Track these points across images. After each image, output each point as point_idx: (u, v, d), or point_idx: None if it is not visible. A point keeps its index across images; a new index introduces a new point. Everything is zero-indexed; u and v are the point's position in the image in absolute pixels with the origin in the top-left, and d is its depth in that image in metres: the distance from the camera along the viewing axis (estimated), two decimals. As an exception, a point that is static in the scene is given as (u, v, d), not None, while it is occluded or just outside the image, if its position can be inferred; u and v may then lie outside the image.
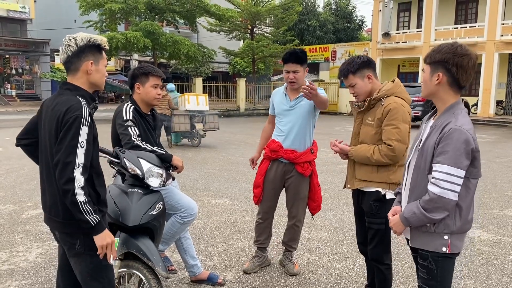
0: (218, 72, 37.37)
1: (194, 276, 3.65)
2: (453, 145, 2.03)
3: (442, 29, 24.26)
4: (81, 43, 2.16)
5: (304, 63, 3.62)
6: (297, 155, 3.67)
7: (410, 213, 2.15)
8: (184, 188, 7.11)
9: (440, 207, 2.06)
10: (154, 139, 3.31)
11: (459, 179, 2.04)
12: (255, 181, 3.87)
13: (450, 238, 2.13)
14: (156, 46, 21.48)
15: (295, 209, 3.82)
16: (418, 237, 2.22)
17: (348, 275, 3.91)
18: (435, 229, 2.13)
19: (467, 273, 3.98)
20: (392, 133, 2.81)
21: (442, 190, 2.03)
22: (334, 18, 34.98)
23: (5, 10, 30.80)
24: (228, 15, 22.99)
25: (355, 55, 3.08)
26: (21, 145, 2.40)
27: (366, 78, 2.95)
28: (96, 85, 2.27)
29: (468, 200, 2.13)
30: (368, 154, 2.89)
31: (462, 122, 2.07)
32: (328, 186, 7.35)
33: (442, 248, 2.14)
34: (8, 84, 31.72)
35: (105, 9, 20.67)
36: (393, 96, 2.89)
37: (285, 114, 3.71)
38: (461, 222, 2.12)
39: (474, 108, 23.41)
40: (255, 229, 3.98)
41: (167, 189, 3.30)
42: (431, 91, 2.20)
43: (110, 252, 2.16)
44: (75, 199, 2.02)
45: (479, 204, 6.33)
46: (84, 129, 2.07)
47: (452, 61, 2.10)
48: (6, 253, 4.31)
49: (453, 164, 2.02)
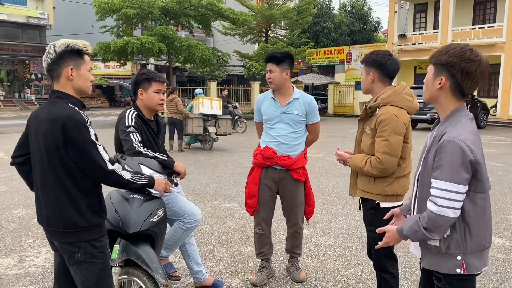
0: (233, 76, 37.45)
1: (198, 282, 3.62)
2: (447, 158, 1.86)
3: (460, 30, 23.89)
4: (59, 50, 2.14)
5: (281, 64, 3.56)
6: (292, 161, 3.59)
7: (411, 231, 2.00)
8: (194, 192, 7.12)
9: (439, 226, 1.91)
10: (158, 145, 3.30)
11: (458, 195, 1.87)
12: (248, 191, 3.72)
13: (464, 258, 1.96)
14: (171, 50, 21.65)
15: (294, 216, 3.75)
16: (430, 259, 2.06)
17: (355, 283, 3.83)
18: (446, 249, 1.97)
19: (479, 281, 3.86)
20: (381, 145, 2.74)
21: (439, 208, 1.89)
22: (350, 20, 34.75)
23: (25, 16, 31.51)
24: (242, 19, 23.04)
25: (382, 50, 2.99)
26: (16, 164, 2.36)
27: (369, 75, 2.88)
28: (81, 91, 2.24)
29: (476, 216, 1.95)
30: (360, 165, 2.85)
31: (458, 132, 1.89)
32: (340, 191, 7.26)
33: (456, 269, 1.97)
34: (28, 89, 32.39)
35: (120, 15, 20.94)
36: (389, 105, 2.78)
37: (277, 120, 3.62)
38: (472, 241, 1.95)
39: (493, 110, 22.93)
40: (256, 241, 3.84)
41: (170, 195, 3.28)
42: (432, 95, 2.03)
43: (169, 188, 2.71)
44: (125, 180, 2.27)
45: (494, 209, 6.17)
46: (92, 131, 2.14)
47: (458, 66, 1.91)
48: (16, 257, 4.36)
49: (449, 179, 1.86)
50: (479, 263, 1.99)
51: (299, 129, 3.64)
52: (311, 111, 3.64)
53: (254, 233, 3.86)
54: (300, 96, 3.64)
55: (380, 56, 2.84)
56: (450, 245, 1.96)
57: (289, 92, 3.65)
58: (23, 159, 2.31)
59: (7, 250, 4.56)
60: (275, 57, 3.59)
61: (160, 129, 3.40)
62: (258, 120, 3.84)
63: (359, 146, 3.04)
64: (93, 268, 2.18)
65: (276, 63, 3.56)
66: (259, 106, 3.75)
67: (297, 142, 3.63)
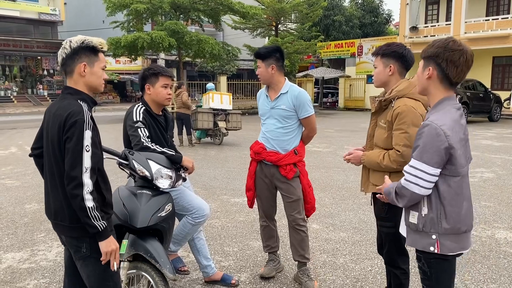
0: (243, 70, 37.37)
1: (207, 276, 3.64)
2: (422, 140, 2.03)
3: (473, 22, 23.52)
4: (74, 45, 2.16)
5: (266, 59, 3.50)
6: (280, 157, 3.50)
7: (387, 192, 2.25)
8: (204, 187, 7.14)
9: (404, 196, 2.12)
10: (166, 140, 3.30)
11: (426, 175, 2.03)
12: (246, 184, 3.78)
13: (439, 237, 2.10)
14: (181, 45, 21.63)
15: (289, 212, 3.61)
16: (409, 236, 2.23)
17: (365, 277, 3.81)
18: (423, 227, 2.13)
19: (490, 276, 3.82)
20: (401, 138, 2.69)
21: (405, 182, 2.10)
22: (360, 12, 34.40)
23: (37, 13, 31.75)
24: (252, 13, 22.91)
25: (398, 43, 2.94)
26: (34, 156, 2.39)
27: (388, 67, 2.82)
28: (92, 88, 2.25)
29: (450, 197, 2.08)
30: (378, 160, 2.80)
31: (436, 118, 2.04)
32: (351, 185, 7.22)
33: (430, 247, 2.12)
34: (40, 85, 32.71)
35: (130, 10, 20.95)
36: (405, 97, 2.75)
37: (267, 115, 3.60)
38: (447, 222, 2.08)
39: (507, 103, 22.61)
40: (261, 234, 3.85)
41: (178, 190, 3.30)
42: (423, 86, 2.19)
43: (113, 259, 2.16)
44: (84, 205, 2.03)
45: (507, 203, 6.09)
46: (88, 133, 2.08)
47: (442, 55, 2.08)
48: (28, 251, 4.42)
49: (419, 158, 2.04)
50: (454, 246, 2.11)
51: (288, 124, 3.53)
52: (300, 105, 3.50)
53: (260, 226, 3.88)
54: (289, 90, 3.53)
55: (401, 48, 2.81)
56: (426, 224, 2.12)
57: (279, 86, 3.57)
58: (39, 151, 2.33)
59: (20, 244, 4.62)
60: (259, 53, 3.55)
61: (168, 124, 3.39)
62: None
63: (371, 140, 2.99)
64: (99, 263, 2.18)
65: (261, 58, 3.52)
66: (258, 101, 3.80)
67: (286, 137, 3.53)
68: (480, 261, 4.13)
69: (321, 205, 6.06)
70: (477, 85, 18.99)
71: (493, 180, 7.61)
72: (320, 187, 7.08)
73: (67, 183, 2.04)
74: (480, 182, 7.36)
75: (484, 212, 5.69)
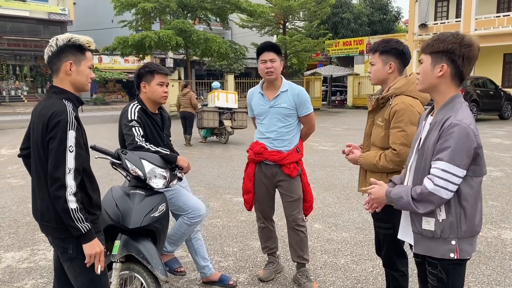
0: (251, 69, 37.26)
1: (205, 277, 3.59)
2: (452, 141, 1.89)
3: (483, 18, 23.17)
4: (61, 43, 2.12)
5: (280, 54, 3.44)
6: (283, 156, 3.43)
7: (397, 196, 2.05)
8: (207, 186, 7.10)
9: (429, 202, 1.95)
10: (162, 139, 3.26)
11: (455, 178, 1.90)
12: (244, 187, 3.65)
13: (458, 243, 1.98)
14: (188, 44, 21.65)
15: (290, 211, 3.55)
16: (423, 243, 2.07)
17: (365, 279, 3.74)
18: (441, 233, 1.99)
19: (495, 278, 3.73)
20: (398, 136, 2.61)
21: (435, 187, 1.92)
22: (369, 10, 34.17)
23: (46, 12, 32.00)
24: (260, 11, 22.85)
25: (396, 39, 2.84)
26: (22, 156, 2.37)
27: (387, 65, 2.74)
28: (79, 87, 2.21)
29: (472, 200, 1.98)
30: (374, 161, 2.72)
31: (462, 117, 1.92)
32: (355, 184, 7.12)
33: (450, 254, 1.99)
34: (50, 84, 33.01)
35: (138, 9, 21.03)
36: (403, 95, 2.67)
37: (266, 115, 3.48)
38: (467, 225, 1.97)
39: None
40: (260, 235, 3.77)
41: (174, 189, 3.26)
42: (431, 83, 2.04)
43: (98, 262, 2.12)
44: (67, 206, 2.00)
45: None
46: (71, 133, 2.04)
47: (458, 51, 1.94)
48: (28, 251, 4.41)
49: (451, 161, 1.89)
50: (470, 248, 2.03)
51: (289, 123, 3.46)
52: (301, 103, 3.46)
53: (257, 228, 3.78)
54: (288, 88, 3.46)
55: (400, 45, 2.73)
56: (444, 229, 1.98)
57: (278, 84, 3.49)
58: (27, 151, 2.30)
59: (20, 244, 4.62)
60: (276, 46, 3.45)
61: (164, 122, 3.36)
62: (251, 115, 3.74)
63: (368, 139, 2.93)
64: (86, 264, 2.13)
65: (277, 52, 3.41)
66: (249, 101, 3.64)
67: (288, 136, 3.46)
68: (485, 262, 4.04)
69: (324, 204, 5.99)
70: (487, 82, 18.74)
71: (502, 179, 7.47)
72: (324, 186, 7.01)
73: (50, 184, 2.01)
74: (488, 181, 7.23)
75: (491, 212, 5.57)
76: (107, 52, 23.12)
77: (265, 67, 3.39)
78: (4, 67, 31.08)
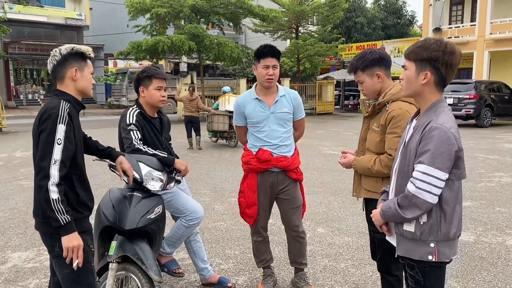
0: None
1: (204, 279, 3.64)
2: (432, 144, 1.92)
3: (499, 22, 22.85)
4: (64, 52, 2.26)
5: (279, 60, 3.39)
6: (290, 161, 3.38)
7: (386, 207, 2.09)
8: (214, 189, 7.15)
9: (413, 206, 1.97)
10: (161, 143, 3.32)
11: (437, 181, 1.92)
12: (247, 201, 3.44)
13: (437, 245, 2.01)
14: (201, 48, 21.83)
15: (295, 219, 3.46)
16: (403, 245, 2.11)
17: (364, 283, 3.74)
18: (421, 236, 2.02)
19: (496, 284, 3.69)
20: (394, 142, 2.62)
21: (417, 190, 1.94)
22: (383, 14, 34.00)
23: (63, 18, 32.65)
24: (272, 15, 22.93)
25: (368, 49, 2.88)
26: None
27: (375, 76, 2.76)
28: (83, 91, 2.34)
29: (452, 203, 2.00)
30: (368, 165, 2.73)
31: (443, 120, 1.95)
32: (361, 189, 7.10)
33: (428, 256, 2.02)
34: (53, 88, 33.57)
35: (152, 14, 21.30)
36: (399, 101, 2.68)
37: (266, 121, 3.35)
38: (446, 228, 2.00)
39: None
40: (255, 250, 3.60)
41: (172, 192, 3.31)
42: (415, 90, 2.07)
43: (76, 257, 2.15)
44: (48, 196, 2.07)
45: (524, 209, 5.88)
46: (61, 127, 2.13)
47: (442, 60, 1.98)
48: (34, 251, 4.51)
49: (432, 164, 1.91)
50: (449, 252, 2.05)
51: (289, 127, 3.45)
52: (298, 106, 3.45)
53: (252, 242, 3.61)
54: (286, 93, 3.43)
55: (375, 53, 2.77)
56: (424, 232, 2.01)
57: (274, 89, 3.41)
58: None
59: (27, 244, 4.73)
60: (278, 52, 3.35)
61: (163, 126, 3.41)
62: (241, 124, 3.52)
63: (363, 144, 2.95)
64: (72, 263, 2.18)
65: (278, 58, 3.34)
66: (241, 110, 3.43)
67: (289, 141, 3.44)
68: (487, 268, 4.00)
69: (329, 208, 5.99)
70: (502, 87, 18.47)
71: (511, 185, 7.36)
72: (330, 191, 7.01)
73: (35, 174, 2.12)
74: (497, 187, 7.14)
75: (497, 218, 5.51)
76: (121, 56, 23.45)
77: (267, 74, 3.28)
78: (22, 71, 31.71)
